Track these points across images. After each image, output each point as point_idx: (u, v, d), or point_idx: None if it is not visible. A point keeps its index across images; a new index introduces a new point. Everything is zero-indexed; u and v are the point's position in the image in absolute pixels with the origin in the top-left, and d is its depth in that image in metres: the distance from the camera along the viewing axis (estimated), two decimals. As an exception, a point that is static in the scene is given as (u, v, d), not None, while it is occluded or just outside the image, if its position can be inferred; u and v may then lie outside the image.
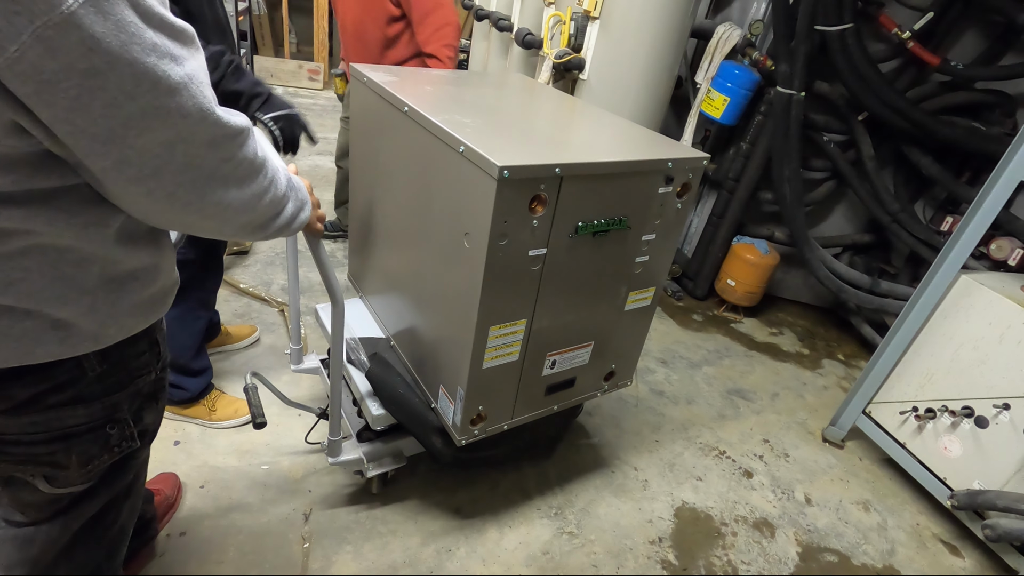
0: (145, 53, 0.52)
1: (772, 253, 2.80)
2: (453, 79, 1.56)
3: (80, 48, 0.48)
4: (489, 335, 1.12)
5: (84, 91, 0.50)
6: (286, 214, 0.79)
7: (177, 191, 0.60)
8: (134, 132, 0.54)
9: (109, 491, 0.84)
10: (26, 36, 0.47)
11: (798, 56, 2.36)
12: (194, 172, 0.60)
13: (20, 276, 0.62)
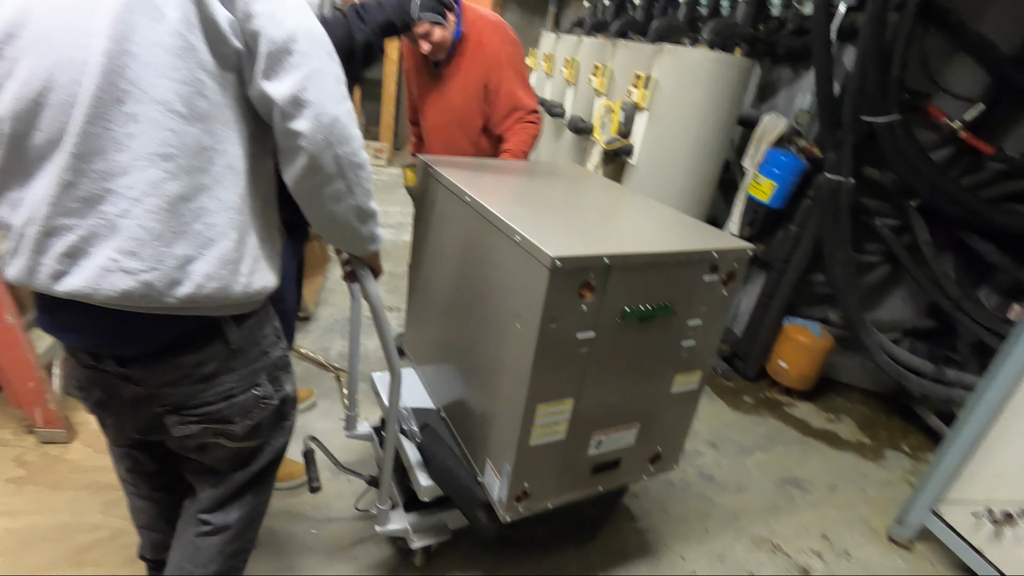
0: None
1: (826, 336, 2.74)
2: (510, 168, 1.69)
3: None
4: (537, 413, 1.16)
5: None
6: (374, 222, 1.02)
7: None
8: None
9: (272, 450, 1.10)
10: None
11: (845, 145, 2.41)
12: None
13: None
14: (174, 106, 0.76)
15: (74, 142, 0.74)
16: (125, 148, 0.75)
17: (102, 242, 0.77)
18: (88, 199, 0.76)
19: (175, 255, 0.80)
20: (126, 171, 0.76)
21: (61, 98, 0.74)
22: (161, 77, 0.74)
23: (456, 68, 2.00)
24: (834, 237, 2.53)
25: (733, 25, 2.75)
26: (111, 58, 0.72)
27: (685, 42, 2.84)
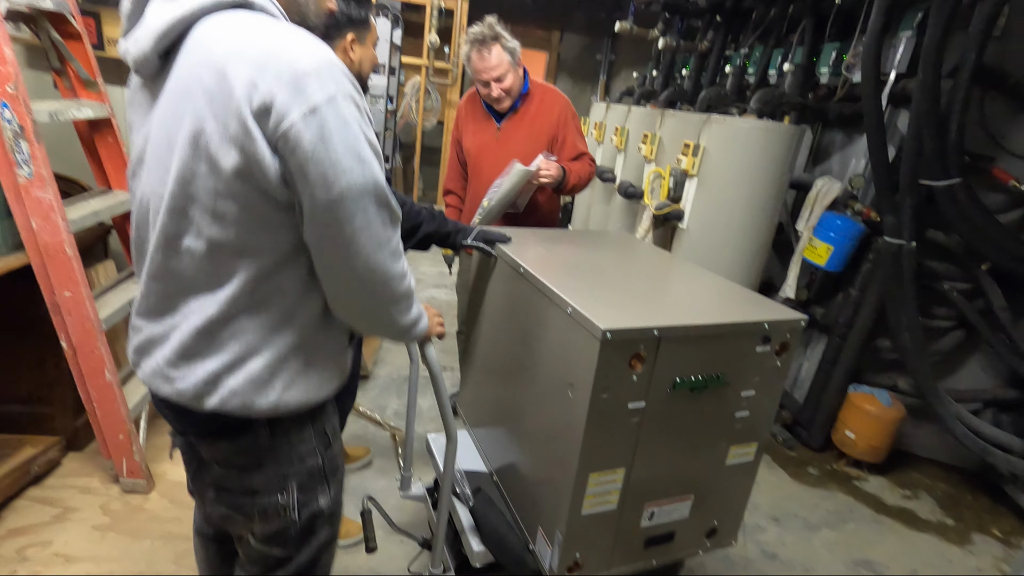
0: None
1: (896, 405, 2.59)
2: (562, 238, 1.77)
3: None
4: (589, 481, 1.17)
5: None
6: (414, 311, 1.00)
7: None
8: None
9: (297, 566, 1.04)
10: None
11: (904, 208, 2.37)
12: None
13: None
14: (224, 245, 0.81)
15: (149, 261, 0.87)
16: (179, 276, 0.85)
17: (157, 348, 0.89)
18: (153, 310, 0.89)
19: (206, 370, 0.86)
20: (179, 294, 0.86)
21: (149, 222, 0.86)
22: (215, 219, 0.80)
23: (520, 120, 2.15)
24: (899, 301, 2.44)
25: (781, 94, 2.81)
26: (174, 199, 0.80)
27: (733, 111, 2.92)
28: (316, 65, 0.75)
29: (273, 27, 0.78)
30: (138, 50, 0.81)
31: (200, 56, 0.77)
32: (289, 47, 0.76)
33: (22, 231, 1.64)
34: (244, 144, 0.75)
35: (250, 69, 0.73)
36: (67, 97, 1.93)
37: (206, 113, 0.75)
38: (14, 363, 1.94)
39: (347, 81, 0.78)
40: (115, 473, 1.89)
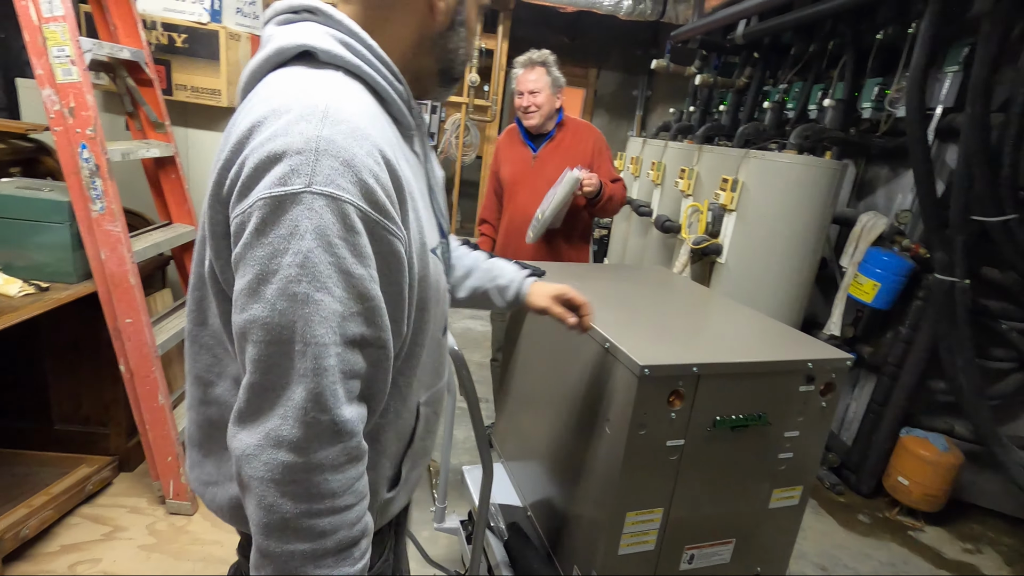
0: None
1: (953, 451, 2.46)
2: (599, 273, 1.78)
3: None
4: (626, 520, 1.16)
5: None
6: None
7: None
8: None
9: None
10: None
11: (955, 245, 2.29)
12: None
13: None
14: (220, 335, 0.71)
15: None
16: (189, 360, 0.77)
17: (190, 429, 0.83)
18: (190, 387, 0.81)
19: (205, 471, 0.79)
20: (188, 381, 0.79)
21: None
22: (207, 310, 0.72)
23: (556, 148, 2.27)
24: (953, 341, 2.34)
25: (822, 129, 2.79)
26: (195, 267, 0.72)
27: (772, 146, 2.91)
28: (296, 148, 0.56)
29: (289, 92, 0.61)
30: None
31: (229, 124, 0.68)
32: (279, 118, 0.58)
33: (91, 261, 1.76)
34: (212, 234, 0.63)
35: (232, 143, 0.60)
36: (137, 138, 2.09)
37: (210, 190, 0.64)
38: (77, 385, 2.05)
39: (346, 180, 0.56)
40: (162, 494, 1.96)
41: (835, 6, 2.67)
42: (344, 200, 0.56)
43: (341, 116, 0.58)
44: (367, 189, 0.58)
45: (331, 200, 0.55)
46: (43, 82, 1.61)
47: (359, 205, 0.57)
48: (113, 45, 1.83)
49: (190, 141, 2.34)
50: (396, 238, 0.62)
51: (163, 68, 2.13)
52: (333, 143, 0.56)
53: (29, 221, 1.73)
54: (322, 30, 0.66)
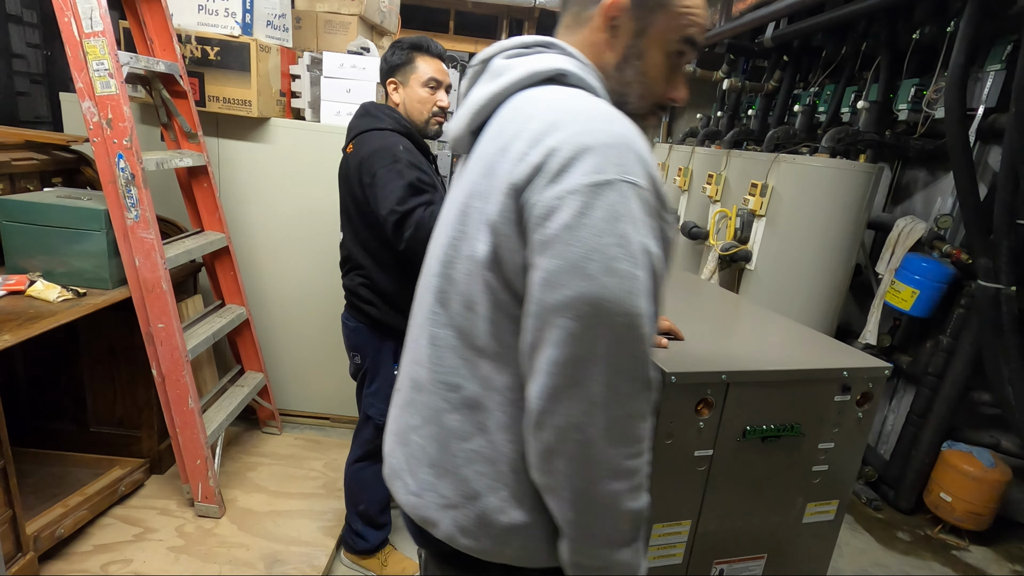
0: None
1: (1000, 466, 2.34)
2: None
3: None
4: (652, 532, 1.12)
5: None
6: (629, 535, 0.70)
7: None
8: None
9: None
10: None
11: (1001, 250, 2.19)
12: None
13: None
14: (472, 340, 0.71)
15: (413, 339, 0.82)
16: (425, 367, 0.76)
17: (400, 446, 0.81)
18: (407, 402, 0.81)
19: (441, 492, 0.75)
20: (422, 388, 0.77)
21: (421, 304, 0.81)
22: (466, 309, 0.71)
23: None
24: (999, 351, 2.23)
25: (856, 132, 2.71)
26: (436, 277, 0.75)
27: (803, 150, 2.84)
28: (605, 142, 0.62)
29: (573, 100, 0.69)
30: (456, 128, 0.79)
31: (492, 131, 0.73)
32: (577, 118, 0.65)
33: (126, 267, 1.81)
34: (497, 225, 0.66)
35: (526, 143, 0.65)
36: (171, 148, 2.15)
37: (475, 189, 0.70)
38: (111, 388, 2.11)
39: (642, 171, 0.62)
40: (191, 497, 1.99)
41: (869, 6, 2.59)
42: (643, 188, 0.63)
43: (624, 119, 0.67)
44: (653, 180, 0.65)
45: (635, 188, 0.62)
46: (83, 95, 1.67)
47: (652, 193, 0.64)
48: (149, 59, 1.89)
49: (221, 151, 2.40)
50: (668, 224, 0.69)
51: (196, 80, 2.19)
52: (630, 140, 0.64)
53: (69, 229, 1.79)
54: (564, 59, 0.74)
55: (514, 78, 0.73)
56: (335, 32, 2.59)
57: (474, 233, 0.69)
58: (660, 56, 0.76)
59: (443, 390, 0.74)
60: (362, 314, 1.65)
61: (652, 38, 0.74)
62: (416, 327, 0.82)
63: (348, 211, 1.62)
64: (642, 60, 0.76)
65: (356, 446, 1.79)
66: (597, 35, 0.75)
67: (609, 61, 0.76)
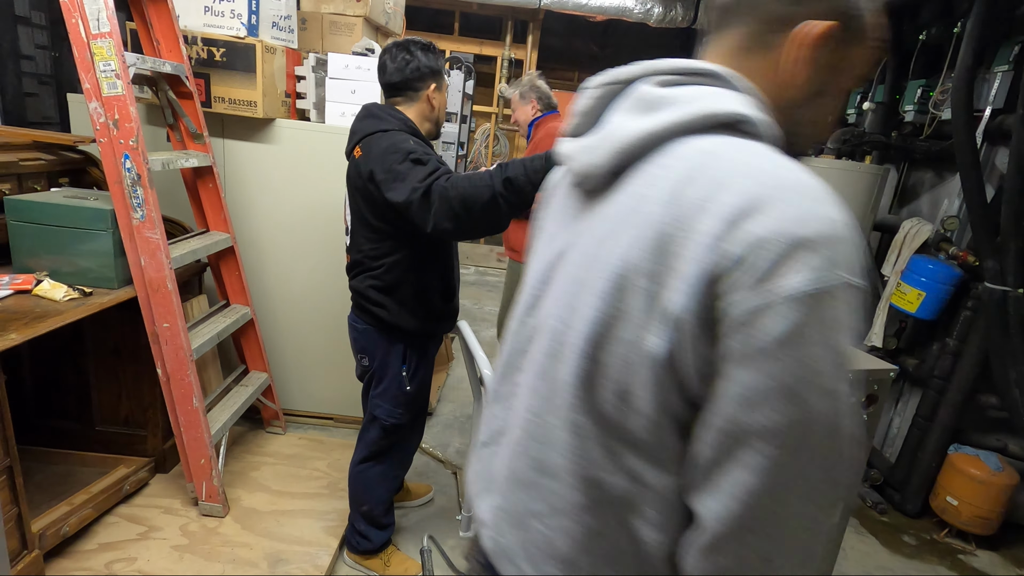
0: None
1: (1008, 470, 2.32)
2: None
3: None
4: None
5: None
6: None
7: None
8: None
9: None
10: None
11: (1008, 252, 2.18)
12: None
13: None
14: (622, 432, 0.61)
15: (515, 400, 0.74)
16: (562, 455, 0.65)
17: (515, 529, 0.72)
18: (524, 482, 0.71)
19: None
20: (555, 476, 0.66)
21: (528, 354, 0.72)
22: (619, 400, 0.59)
23: (531, 147, 2.71)
24: (1006, 354, 2.22)
25: (861, 133, 2.70)
26: (578, 355, 0.61)
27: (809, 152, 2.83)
28: (824, 234, 0.50)
29: (768, 164, 0.55)
30: (589, 160, 0.65)
31: (661, 188, 0.57)
32: (784, 195, 0.52)
33: (132, 267, 1.82)
34: (681, 321, 0.53)
35: (719, 222, 0.52)
36: (177, 148, 2.16)
37: (638, 263, 0.56)
38: (116, 387, 2.12)
39: (859, 264, 0.52)
40: (195, 496, 2.00)
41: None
42: (862, 286, 0.52)
43: (832, 196, 0.53)
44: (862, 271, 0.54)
45: (856, 290, 0.51)
46: (90, 95, 1.68)
47: (865, 290, 0.54)
48: (156, 59, 1.90)
49: (227, 151, 2.41)
50: None
51: (202, 81, 2.20)
52: (848, 228, 0.52)
53: (75, 229, 1.81)
54: (740, 98, 0.60)
55: (680, 118, 0.59)
56: (340, 33, 2.60)
57: (641, 320, 0.56)
58: (841, 94, 0.65)
59: (585, 486, 0.63)
60: (371, 316, 1.65)
61: (844, 73, 0.63)
62: (533, 398, 0.68)
63: (361, 215, 1.59)
64: (825, 98, 0.64)
65: (361, 447, 1.79)
66: (785, 66, 0.62)
67: (790, 97, 0.63)
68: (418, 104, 1.62)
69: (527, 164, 1.35)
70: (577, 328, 0.62)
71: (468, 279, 5.67)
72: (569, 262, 0.67)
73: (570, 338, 0.63)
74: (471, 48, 5.96)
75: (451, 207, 1.36)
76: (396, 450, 1.81)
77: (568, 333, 0.63)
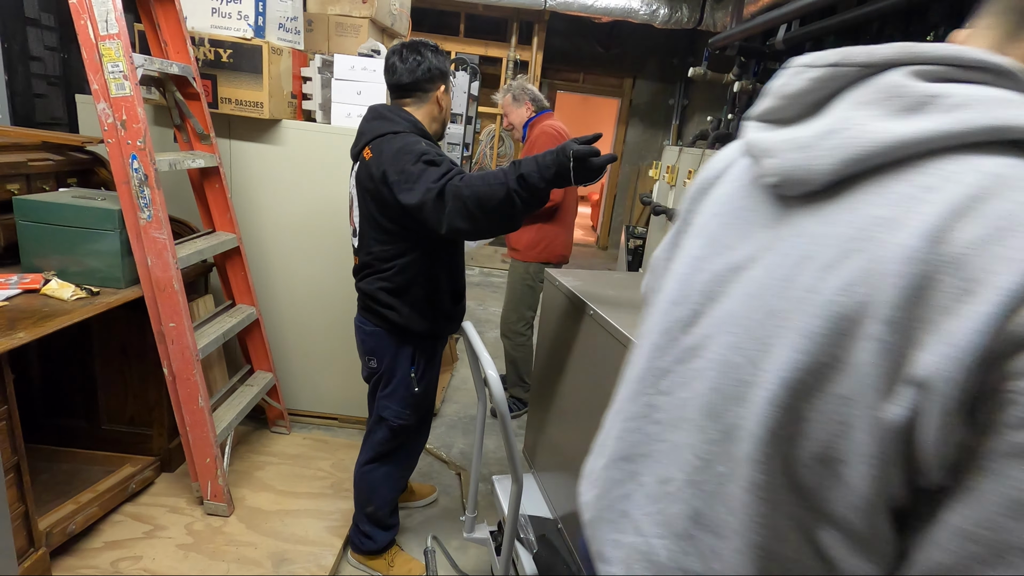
0: None
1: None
2: (633, 281, 1.75)
3: None
4: (659, 536, 1.12)
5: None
6: None
7: None
8: None
9: None
10: None
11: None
12: None
13: None
14: (817, 502, 0.50)
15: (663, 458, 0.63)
16: (737, 518, 0.54)
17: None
18: (681, 533, 0.60)
19: None
20: (720, 534, 0.56)
21: (708, 402, 0.58)
22: (820, 465, 0.49)
23: (526, 149, 2.77)
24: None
25: (868, 134, 2.68)
26: (770, 403, 0.51)
27: (815, 153, 2.82)
28: None
29: None
30: (803, 160, 0.52)
31: (919, 216, 0.44)
32: None
33: (139, 267, 1.83)
34: (934, 385, 0.42)
35: (1019, 277, 0.40)
36: (184, 149, 2.17)
37: (879, 308, 0.44)
38: (123, 386, 2.13)
39: None
40: (200, 495, 2.01)
41: (883, 8, 2.58)
42: None
43: None
44: None
45: None
46: (98, 96, 1.69)
47: None
48: (163, 61, 1.92)
49: (233, 152, 2.42)
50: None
51: (209, 82, 2.22)
52: None
53: (83, 229, 1.82)
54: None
55: (955, 126, 0.45)
56: (346, 35, 2.61)
57: (869, 377, 0.45)
58: None
59: (758, 556, 0.53)
60: (380, 318, 1.64)
61: None
62: (699, 439, 0.58)
63: (371, 217, 1.58)
64: None
65: (367, 447, 1.80)
66: None
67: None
68: (427, 105, 1.62)
69: (539, 161, 1.35)
70: (770, 370, 0.51)
71: (472, 280, 5.67)
72: (752, 280, 0.55)
73: (759, 379, 0.52)
74: (476, 49, 5.97)
75: (466, 206, 1.36)
76: (402, 451, 1.81)
77: (755, 373, 0.52)
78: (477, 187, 1.36)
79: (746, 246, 0.57)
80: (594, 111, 9.83)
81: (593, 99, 7.82)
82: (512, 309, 2.92)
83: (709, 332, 0.58)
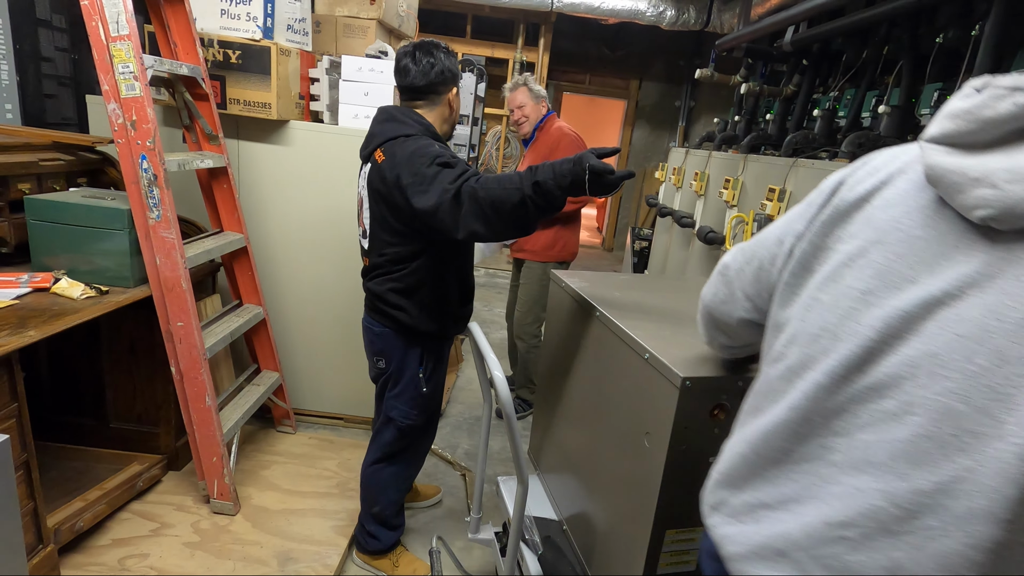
0: None
1: None
2: (641, 283, 1.75)
3: None
4: (665, 539, 1.11)
5: None
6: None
7: None
8: None
9: None
10: None
11: None
12: None
13: None
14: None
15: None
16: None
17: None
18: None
19: None
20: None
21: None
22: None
23: (533, 145, 2.85)
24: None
25: (877, 137, 2.67)
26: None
27: (823, 155, 2.81)
28: None
29: None
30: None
31: None
32: None
33: (147, 266, 1.84)
34: None
35: None
36: (193, 149, 2.19)
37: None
38: (131, 385, 2.15)
39: None
40: (206, 494, 2.02)
41: (891, 9, 2.56)
42: None
43: None
44: None
45: None
46: (108, 97, 1.71)
47: None
48: (173, 62, 1.93)
49: (241, 152, 2.43)
50: None
51: (218, 83, 2.23)
52: None
53: (93, 228, 1.83)
54: None
55: None
56: (354, 36, 2.63)
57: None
58: None
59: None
60: (389, 319, 1.64)
61: None
62: (906, 489, 0.53)
63: (383, 219, 1.57)
64: None
65: (375, 448, 1.80)
66: None
67: None
68: (439, 108, 1.61)
69: (556, 169, 1.34)
70: (1016, 425, 0.48)
71: (478, 280, 5.67)
72: (964, 320, 0.51)
73: (1004, 433, 0.48)
74: (483, 51, 5.98)
75: (481, 208, 1.35)
76: (410, 452, 1.82)
77: (994, 425, 0.49)
78: (493, 190, 1.35)
79: (937, 280, 0.53)
80: (600, 113, 9.82)
81: (599, 100, 7.81)
82: (528, 311, 2.91)
83: (900, 372, 0.54)
